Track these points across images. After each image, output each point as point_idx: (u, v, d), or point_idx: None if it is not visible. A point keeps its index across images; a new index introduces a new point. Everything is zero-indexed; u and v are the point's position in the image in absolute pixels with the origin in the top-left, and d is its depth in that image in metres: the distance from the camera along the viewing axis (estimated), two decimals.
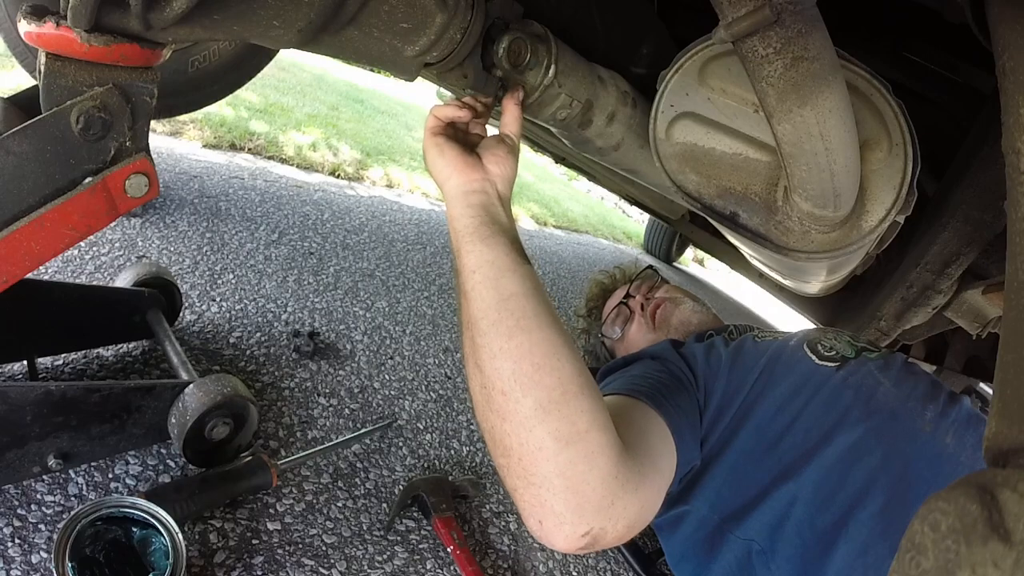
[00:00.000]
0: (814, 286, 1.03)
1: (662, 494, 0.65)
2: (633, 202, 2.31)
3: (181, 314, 1.29)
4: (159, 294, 1.15)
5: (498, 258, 0.59)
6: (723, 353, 0.88)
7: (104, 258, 1.40)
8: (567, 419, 0.54)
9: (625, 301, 1.23)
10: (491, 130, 0.76)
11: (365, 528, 1.04)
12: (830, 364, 0.83)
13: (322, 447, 1.11)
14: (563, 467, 0.53)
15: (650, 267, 1.36)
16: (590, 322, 1.34)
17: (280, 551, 0.92)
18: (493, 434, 0.56)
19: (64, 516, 0.81)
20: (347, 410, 1.30)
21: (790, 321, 4.87)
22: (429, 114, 0.71)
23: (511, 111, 0.72)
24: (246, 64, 1.67)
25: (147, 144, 0.62)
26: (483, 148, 0.71)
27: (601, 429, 0.56)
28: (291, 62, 5.14)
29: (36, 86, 0.56)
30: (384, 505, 1.10)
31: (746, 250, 0.92)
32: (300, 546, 0.94)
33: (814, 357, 0.85)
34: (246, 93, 3.27)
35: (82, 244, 1.40)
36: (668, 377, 0.83)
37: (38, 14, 0.51)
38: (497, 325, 0.56)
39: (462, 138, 0.73)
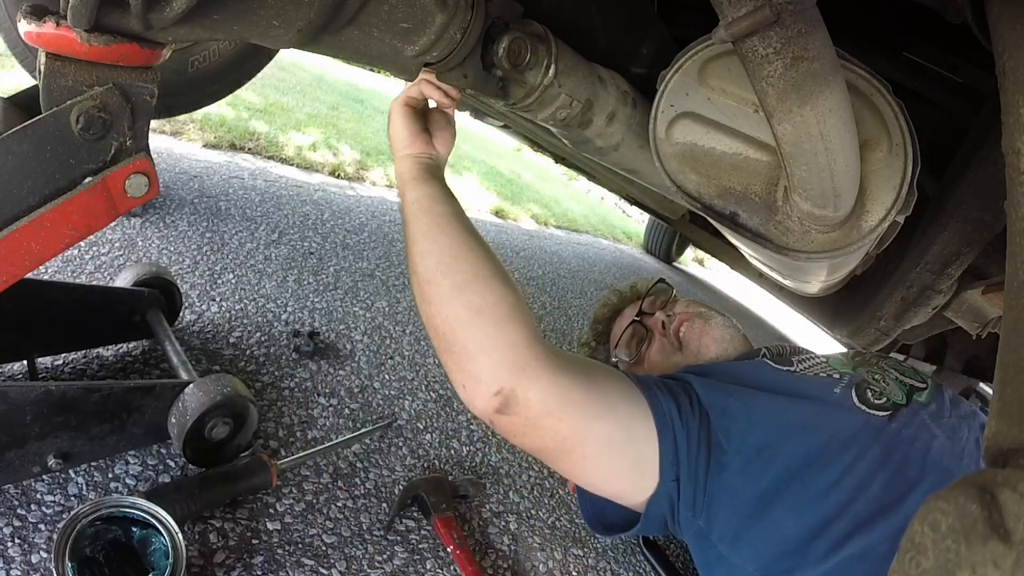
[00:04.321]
0: (814, 286, 1.03)
1: (598, 410, 0.68)
2: (633, 202, 2.30)
3: (181, 314, 1.29)
4: (159, 294, 1.15)
5: (433, 191, 0.76)
6: (759, 399, 0.80)
7: (104, 258, 1.40)
8: (478, 293, 0.66)
9: (639, 319, 1.12)
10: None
11: (365, 528, 1.04)
12: (881, 413, 0.77)
13: (322, 447, 1.11)
14: (475, 333, 0.65)
15: (662, 280, 1.22)
16: (596, 348, 1.24)
17: (280, 551, 0.92)
18: (428, 322, 0.69)
19: (64, 516, 0.81)
20: (347, 410, 1.30)
21: (789, 319, 4.87)
22: (414, 84, 0.83)
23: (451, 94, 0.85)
24: (246, 64, 1.67)
25: (147, 144, 0.62)
26: (433, 126, 0.85)
27: (511, 305, 0.67)
28: (291, 62, 5.14)
29: (36, 86, 0.56)
30: (384, 505, 1.10)
31: (746, 250, 0.92)
32: (300, 546, 0.94)
33: (863, 407, 0.78)
34: (246, 93, 3.27)
35: (82, 244, 1.40)
36: (683, 395, 0.77)
37: (38, 14, 0.51)
38: (427, 235, 0.71)
39: (423, 114, 0.86)
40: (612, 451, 0.70)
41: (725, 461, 0.73)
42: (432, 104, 0.87)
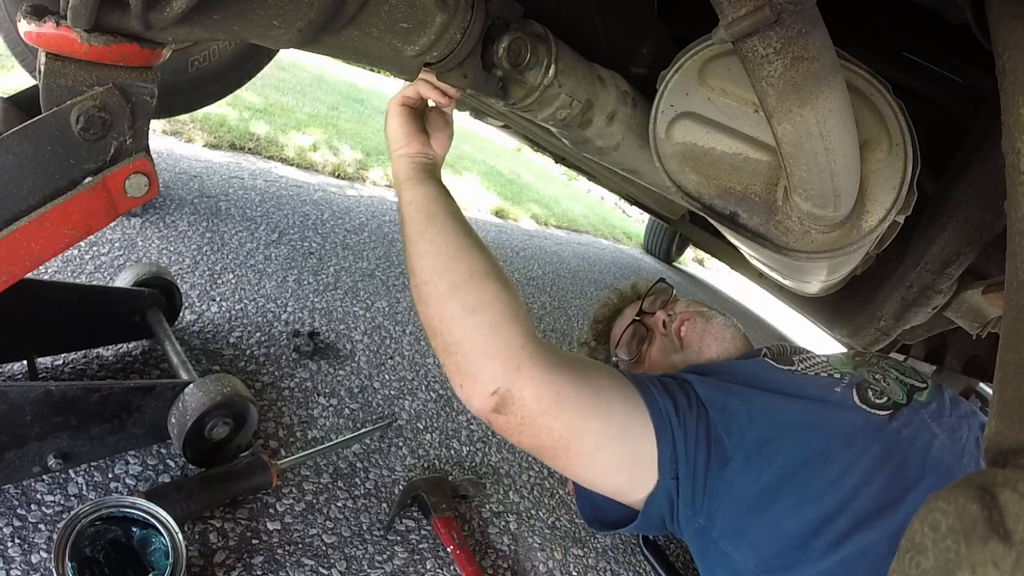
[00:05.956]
0: (814, 286, 1.03)
1: (592, 407, 0.69)
2: (633, 202, 2.30)
3: (181, 314, 1.29)
4: (159, 294, 1.15)
5: (429, 191, 0.77)
6: (759, 397, 0.80)
7: (104, 258, 1.40)
8: (473, 293, 0.68)
9: (640, 319, 1.12)
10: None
11: (365, 528, 1.04)
12: (882, 413, 0.77)
13: (322, 447, 1.11)
14: (471, 331, 0.67)
15: (662, 280, 1.22)
16: (596, 347, 1.23)
17: (280, 551, 0.92)
18: (426, 323, 0.70)
19: (64, 516, 0.81)
20: (347, 410, 1.30)
21: (789, 319, 4.87)
22: (411, 84, 0.83)
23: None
24: (246, 64, 1.67)
25: (147, 144, 0.62)
26: (431, 126, 0.86)
27: (506, 304, 0.68)
28: (291, 62, 5.14)
29: (36, 86, 0.56)
30: (384, 505, 1.10)
31: (746, 250, 0.92)
32: (300, 546, 0.94)
33: (864, 406, 0.78)
34: (246, 93, 3.27)
35: (82, 244, 1.40)
36: (680, 392, 0.78)
37: (38, 14, 0.51)
38: (423, 235, 0.72)
39: (421, 114, 0.87)
40: (608, 448, 0.71)
41: (725, 458, 0.73)
42: (431, 104, 0.87)
